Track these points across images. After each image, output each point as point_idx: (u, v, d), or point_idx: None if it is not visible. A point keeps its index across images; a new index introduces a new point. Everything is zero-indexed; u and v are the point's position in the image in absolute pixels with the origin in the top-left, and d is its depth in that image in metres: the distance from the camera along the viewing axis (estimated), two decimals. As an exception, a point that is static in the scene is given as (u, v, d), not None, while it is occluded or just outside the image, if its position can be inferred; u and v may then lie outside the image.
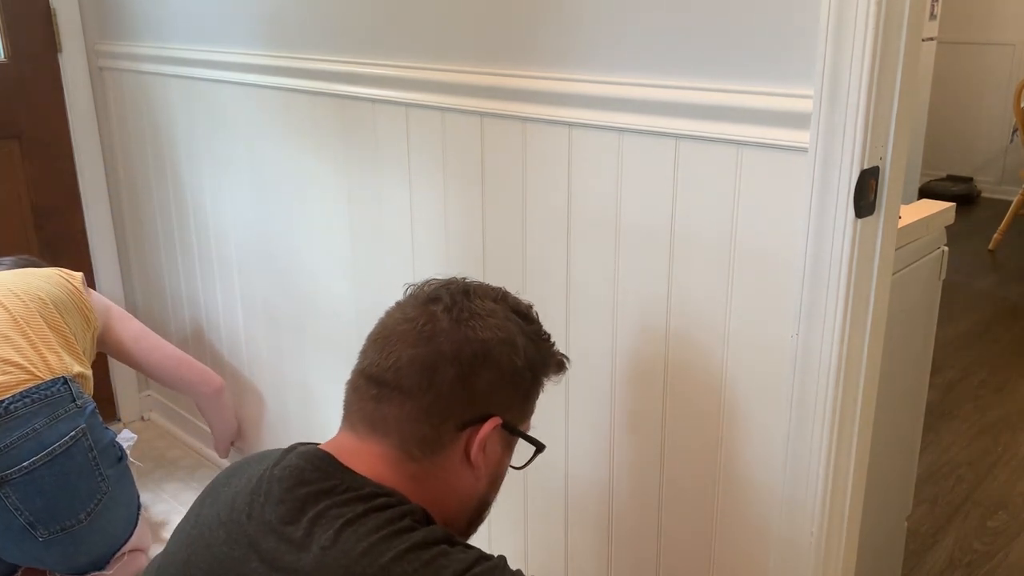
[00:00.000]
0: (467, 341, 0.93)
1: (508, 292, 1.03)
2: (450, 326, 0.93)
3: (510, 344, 0.95)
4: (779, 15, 1.05)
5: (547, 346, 1.03)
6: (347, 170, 1.75)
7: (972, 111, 5.41)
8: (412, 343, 0.93)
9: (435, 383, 0.91)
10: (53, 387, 1.57)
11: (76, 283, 1.83)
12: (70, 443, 1.55)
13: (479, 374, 0.93)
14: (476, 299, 0.97)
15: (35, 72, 2.43)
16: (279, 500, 0.86)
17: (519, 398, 0.99)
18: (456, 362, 0.92)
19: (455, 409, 0.93)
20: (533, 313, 1.04)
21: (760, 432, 1.20)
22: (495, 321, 0.95)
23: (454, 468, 0.95)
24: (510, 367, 0.95)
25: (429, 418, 0.92)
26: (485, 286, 1.01)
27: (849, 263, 1.03)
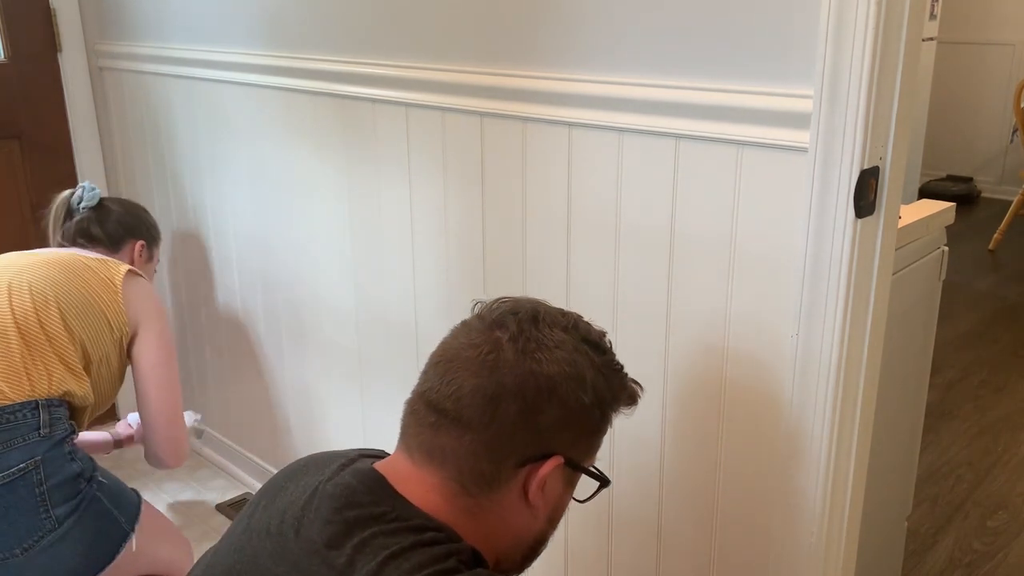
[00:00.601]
0: (532, 375, 0.87)
1: (581, 318, 0.97)
2: (515, 357, 0.88)
3: (578, 379, 0.89)
4: (779, 15, 1.05)
5: (619, 378, 0.97)
6: (347, 170, 1.75)
7: (972, 111, 5.41)
8: (475, 372, 0.88)
9: (497, 417, 0.86)
10: (19, 412, 1.46)
11: (115, 280, 1.68)
12: (16, 475, 1.42)
13: (543, 411, 0.88)
14: (545, 327, 0.91)
15: (35, 72, 2.43)
16: (327, 520, 0.84)
17: (585, 435, 0.93)
18: (520, 397, 0.87)
19: (516, 446, 0.88)
20: (606, 342, 0.98)
21: (760, 432, 1.20)
22: (563, 354, 0.89)
23: (511, 505, 0.90)
24: (577, 404, 0.89)
25: (488, 453, 0.87)
26: (555, 312, 0.95)
27: (849, 263, 1.03)
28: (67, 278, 1.63)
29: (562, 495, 0.95)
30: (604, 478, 0.98)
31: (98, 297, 1.65)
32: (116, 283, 1.68)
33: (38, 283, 1.59)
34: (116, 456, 2.27)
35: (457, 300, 1.58)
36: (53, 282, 1.61)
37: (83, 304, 1.62)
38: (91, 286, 1.65)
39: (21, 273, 1.60)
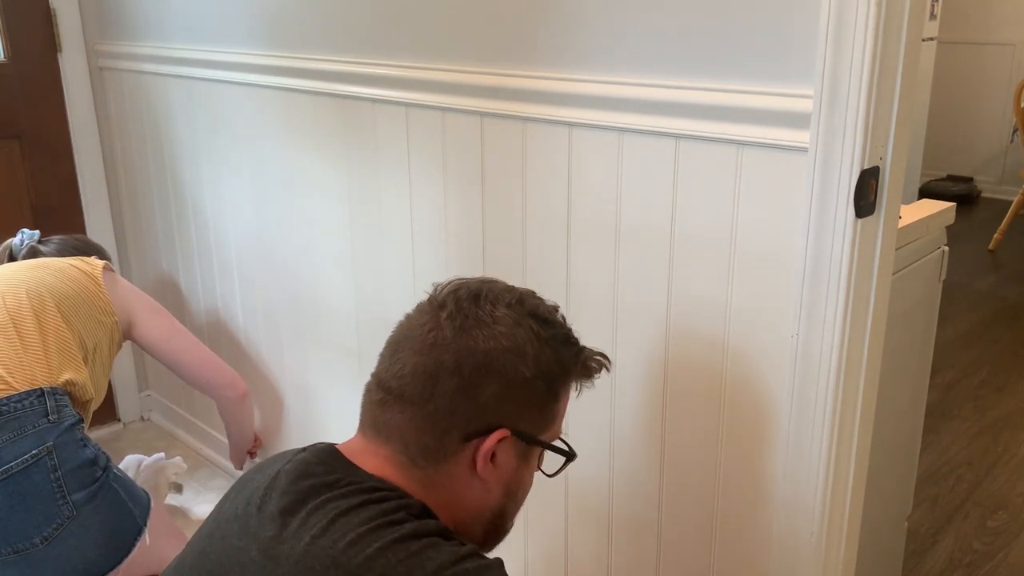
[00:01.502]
0: (469, 352, 0.90)
1: (531, 294, 0.99)
2: (453, 335, 0.91)
3: (517, 353, 0.92)
4: (779, 15, 1.05)
5: (571, 351, 0.98)
6: (347, 170, 1.75)
7: (972, 111, 5.40)
8: (417, 351, 0.92)
9: (436, 394, 0.90)
10: (25, 400, 1.48)
11: (95, 274, 1.77)
12: (30, 462, 1.44)
13: (482, 385, 0.90)
14: (487, 304, 0.93)
15: (35, 72, 2.43)
16: (283, 492, 0.88)
17: (532, 408, 0.95)
18: (457, 373, 0.90)
19: (458, 420, 0.91)
20: (557, 317, 0.99)
21: (760, 432, 1.20)
22: (502, 329, 0.92)
23: (461, 478, 0.93)
24: (517, 377, 0.92)
25: (431, 428, 0.91)
26: (501, 289, 0.97)
27: (849, 263, 1.03)
28: (57, 278, 1.70)
29: (517, 469, 0.97)
30: (567, 452, 1.00)
31: (85, 290, 1.72)
32: (97, 276, 1.76)
33: (32, 284, 1.65)
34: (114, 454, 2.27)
35: (457, 300, 1.58)
36: (45, 283, 1.67)
37: (76, 299, 1.69)
38: (78, 281, 1.72)
39: (11, 279, 1.66)
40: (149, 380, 2.79)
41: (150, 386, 2.79)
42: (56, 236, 1.98)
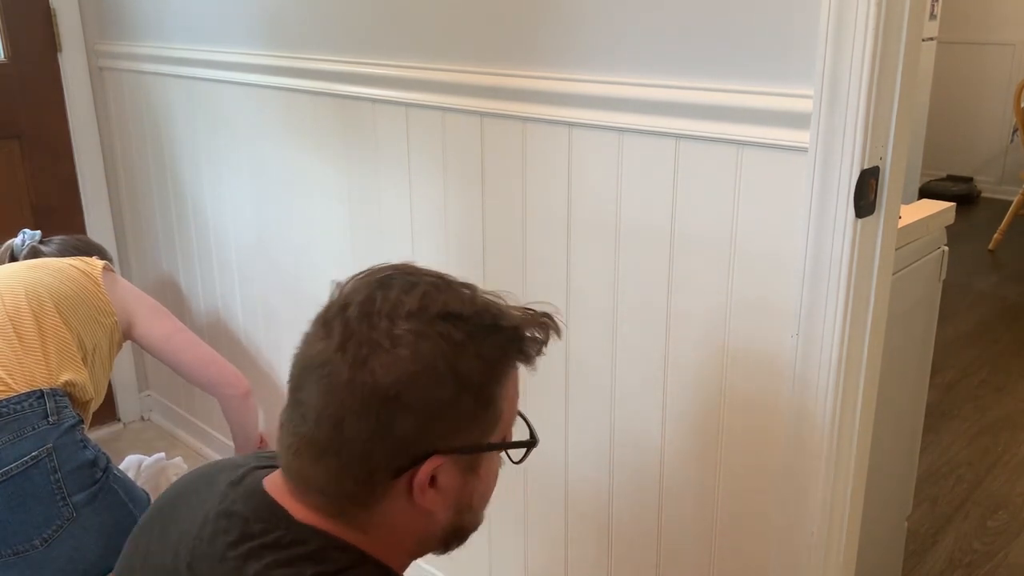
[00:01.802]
0: (371, 389, 0.77)
1: (436, 288, 0.83)
2: (349, 372, 0.77)
3: (428, 375, 0.78)
4: (779, 15, 1.05)
5: (500, 340, 0.83)
6: (347, 170, 1.75)
7: (972, 111, 5.40)
8: (317, 391, 0.80)
9: (347, 440, 0.78)
10: (25, 401, 1.48)
11: (95, 274, 1.76)
12: (30, 463, 1.44)
13: (396, 421, 0.78)
14: (381, 321, 0.79)
15: (35, 72, 2.43)
16: (221, 557, 0.81)
17: (463, 422, 0.82)
18: (364, 415, 0.77)
19: (378, 462, 0.79)
20: (476, 302, 0.83)
21: (760, 432, 1.20)
22: (404, 352, 0.77)
23: (402, 512, 0.82)
24: (435, 402, 0.79)
25: (351, 476, 0.80)
26: (399, 290, 0.82)
27: (849, 263, 1.03)
28: (56, 278, 1.69)
29: (466, 484, 0.85)
30: (526, 442, 0.89)
31: (84, 290, 1.71)
32: (96, 276, 1.75)
33: (31, 285, 1.64)
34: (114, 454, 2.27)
35: (457, 300, 1.58)
36: (44, 283, 1.66)
37: (75, 299, 1.68)
38: (77, 281, 1.72)
39: (10, 279, 1.66)
40: (149, 380, 2.78)
41: (150, 386, 2.79)
42: (57, 236, 1.98)
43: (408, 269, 0.86)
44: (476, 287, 0.86)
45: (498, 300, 0.86)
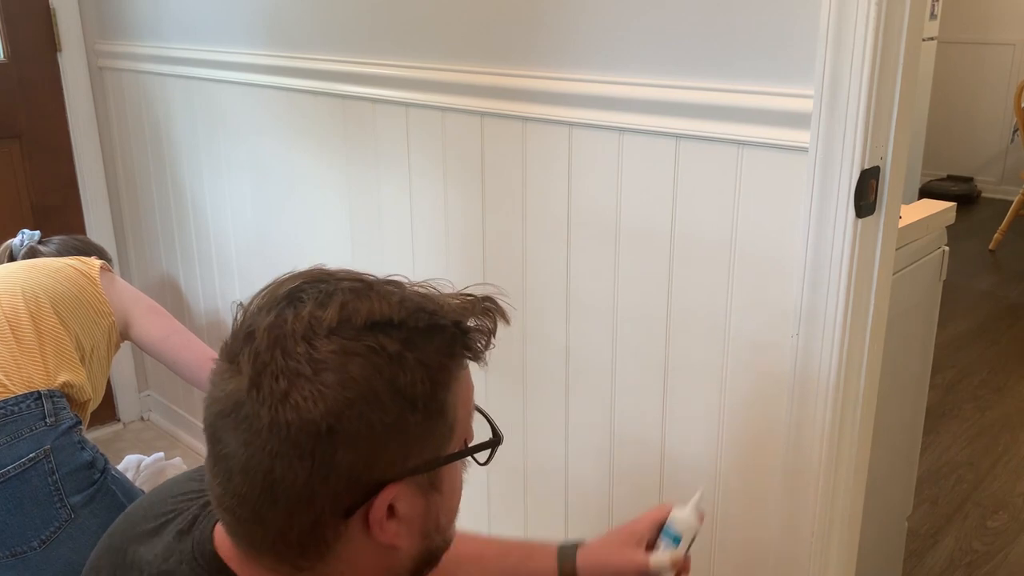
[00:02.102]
0: (299, 428, 0.66)
1: (356, 293, 0.71)
2: (269, 414, 0.66)
3: (363, 399, 0.67)
4: (779, 15, 1.05)
5: (440, 341, 0.72)
6: (347, 170, 1.75)
7: (972, 111, 5.40)
8: (234, 441, 0.69)
9: (284, 491, 0.68)
10: (22, 403, 1.47)
11: (92, 274, 1.75)
12: (28, 465, 1.44)
13: (336, 457, 0.67)
14: (298, 345, 0.67)
15: (35, 72, 2.43)
16: None
17: (415, 441, 0.71)
18: (296, 458, 0.67)
19: (323, 506, 0.69)
20: (405, 302, 0.72)
21: (760, 431, 1.20)
22: (330, 378, 0.66)
23: (363, 555, 0.73)
24: (377, 426, 0.68)
25: (298, 527, 0.70)
26: (312, 306, 0.70)
27: (849, 263, 1.03)
28: (52, 278, 1.69)
29: (430, 505, 0.75)
30: (489, 442, 0.80)
31: (83, 291, 1.70)
32: (94, 276, 1.74)
33: (28, 285, 1.64)
34: (113, 455, 2.27)
35: (457, 300, 1.58)
36: (40, 283, 1.66)
37: (72, 299, 1.68)
38: (74, 281, 1.71)
39: (7, 279, 1.65)
40: (149, 380, 2.78)
41: (150, 386, 2.79)
42: (56, 236, 1.97)
43: (318, 276, 0.74)
44: (403, 282, 0.76)
45: (431, 293, 0.76)
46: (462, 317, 0.74)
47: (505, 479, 1.61)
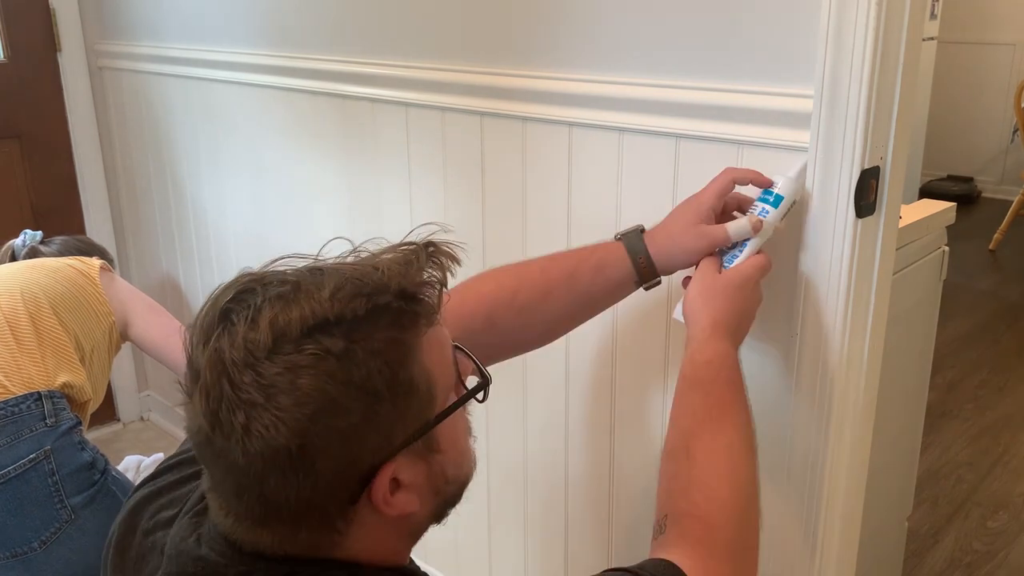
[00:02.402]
0: (272, 454, 0.65)
1: (284, 303, 0.68)
2: (239, 448, 0.66)
3: (325, 408, 0.66)
4: (779, 15, 1.05)
5: (385, 321, 0.69)
6: (347, 169, 1.75)
7: (972, 111, 5.40)
8: (218, 471, 0.70)
9: (281, 504, 0.68)
10: (22, 403, 1.48)
11: (92, 274, 1.75)
12: (28, 466, 1.44)
13: (316, 467, 0.67)
14: (244, 374, 0.65)
15: (35, 72, 2.43)
16: None
17: (394, 423, 0.70)
18: (280, 477, 0.67)
19: (324, 504, 0.69)
20: (338, 293, 0.68)
21: (761, 432, 1.20)
22: (285, 400, 0.65)
23: (378, 527, 0.73)
24: (347, 428, 0.67)
25: (305, 527, 0.70)
26: (246, 332, 0.67)
27: (849, 263, 1.03)
28: (52, 278, 1.68)
29: (433, 465, 0.74)
30: (476, 388, 0.78)
31: (82, 291, 1.70)
32: (93, 276, 1.74)
33: (27, 286, 1.64)
34: (113, 455, 2.27)
35: (457, 300, 1.58)
36: (40, 284, 1.65)
37: (71, 299, 1.67)
38: (73, 281, 1.71)
39: (6, 280, 1.65)
40: (149, 380, 2.78)
41: (150, 386, 2.79)
42: (59, 236, 1.97)
43: (246, 286, 0.70)
44: (334, 266, 0.73)
45: (368, 263, 0.73)
46: (405, 280, 0.71)
47: (505, 479, 1.61)
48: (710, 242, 1.02)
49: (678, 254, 1.04)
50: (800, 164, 1.03)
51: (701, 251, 1.03)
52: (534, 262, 1.08)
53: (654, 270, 1.05)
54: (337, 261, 0.75)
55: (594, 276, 1.05)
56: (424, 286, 0.73)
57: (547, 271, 1.06)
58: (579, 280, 1.05)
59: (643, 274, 1.05)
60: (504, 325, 1.04)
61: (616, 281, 1.05)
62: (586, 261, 1.06)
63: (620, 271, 1.05)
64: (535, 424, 1.51)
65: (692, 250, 1.03)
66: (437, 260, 0.75)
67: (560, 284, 1.05)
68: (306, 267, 0.73)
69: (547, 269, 1.07)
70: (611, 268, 1.05)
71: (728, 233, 1.01)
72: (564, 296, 1.05)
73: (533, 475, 1.55)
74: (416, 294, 0.72)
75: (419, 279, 0.73)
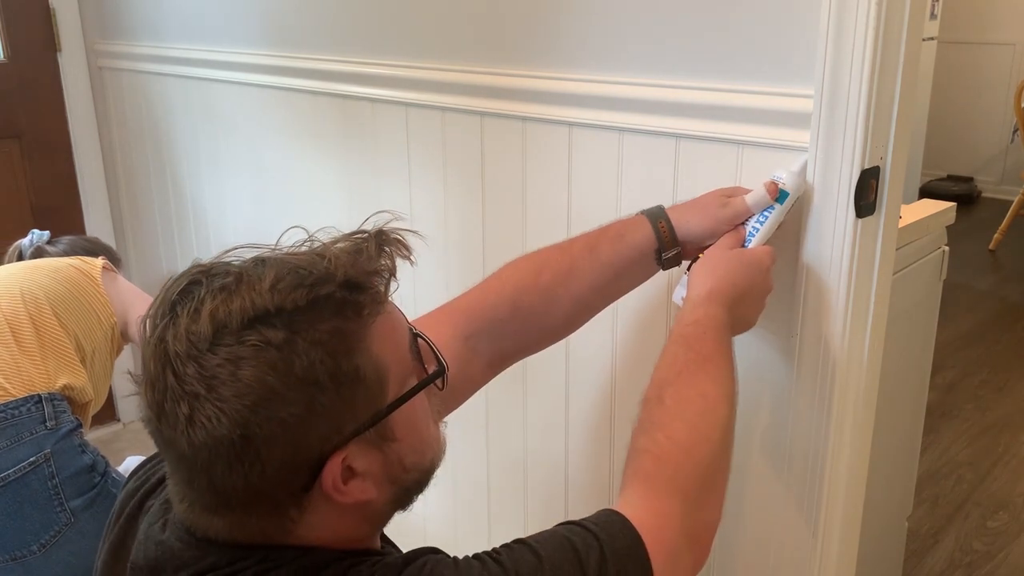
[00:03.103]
0: (216, 444, 0.67)
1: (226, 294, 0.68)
2: (184, 439, 0.67)
3: (265, 399, 0.66)
4: (779, 15, 1.05)
5: (327, 312, 0.69)
6: (347, 170, 1.75)
7: (972, 111, 5.40)
8: (170, 458, 0.72)
9: (230, 492, 0.69)
10: (23, 406, 1.46)
11: (94, 274, 1.72)
12: (28, 469, 1.43)
13: (261, 456, 0.67)
14: (188, 366, 0.66)
15: (35, 72, 2.43)
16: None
17: (339, 413, 0.70)
18: (226, 466, 0.67)
19: (274, 493, 0.70)
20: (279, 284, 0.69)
21: (760, 432, 1.20)
22: (226, 391, 0.66)
23: (331, 515, 0.73)
24: (290, 419, 0.67)
25: (256, 514, 0.71)
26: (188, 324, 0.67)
27: (850, 263, 1.03)
28: (52, 279, 1.67)
29: (388, 453, 0.74)
30: (431, 377, 0.78)
31: (83, 292, 1.69)
32: (95, 276, 1.73)
33: (27, 286, 1.62)
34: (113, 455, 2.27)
35: (457, 300, 1.58)
36: (40, 284, 1.64)
37: (72, 300, 1.66)
38: (75, 282, 1.69)
39: (7, 280, 1.64)
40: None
41: (150, 386, 2.79)
42: (66, 236, 1.95)
43: (193, 278, 0.71)
44: (280, 256, 0.73)
45: (317, 253, 0.73)
46: (353, 269, 0.72)
47: (505, 478, 1.61)
48: (732, 211, 1.03)
49: (698, 222, 1.04)
50: (801, 160, 1.03)
51: (721, 219, 1.03)
52: (554, 244, 1.08)
53: (674, 237, 1.05)
54: (289, 251, 0.75)
55: (615, 244, 1.04)
56: (373, 275, 0.73)
57: (568, 249, 1.06)
58: (600, 251, 1.04)
59: (664, 241, 1.04)
60: (529, 308, 1.03)
61: (638, 248, 1.04)
62: (606, 232, 1.06)
63: (641, 237, 1.04)
64: (535, 424, 1.51)
65: (713, 216, 1.04)
66: (387, 249, 0.75)
67: (582, 258, 1.04)
68: (252, 258, 0.73)
69: (568, 247, 1.07)
70: (632, 235, 1.04)
71: (747, 203, 1.02)
72: (587, 270, 1.04)
73: (533, 475, 1.55)
74: (362, 283, 0.72)
75: (368, 268, 0.73)
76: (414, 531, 1.78)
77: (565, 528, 0.78)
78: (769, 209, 1.03)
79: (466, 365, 1.01)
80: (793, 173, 1.02)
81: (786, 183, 1.02)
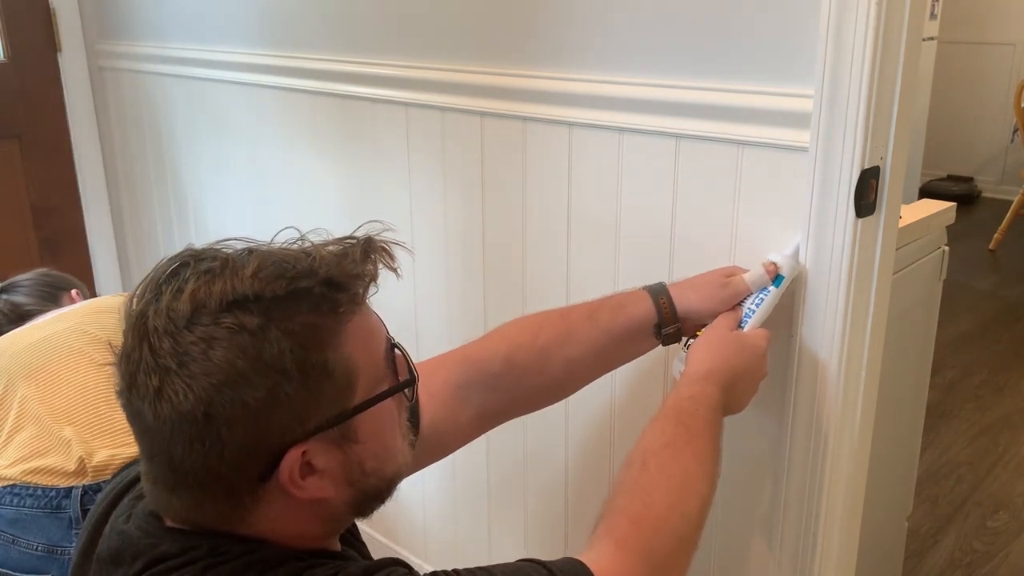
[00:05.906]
0: (178, 419, 0.68)
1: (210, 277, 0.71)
2: (150, 411, 0.69)
3: (232, 380, 0.68)
4: (779, 15, 1.05)
5: (304, 305, 0.71)
6: (347, 170, 1.75)
7: (972, 111, 5.40)
8: (137, 431, 0.74)
9: (189, 471, 0.71)
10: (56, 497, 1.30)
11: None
12: None
13: (221, 437, 0.69)
14: (164, 341, 0.69)
15: (35, 72, 2.43)
16: None
17: (303, 405, 0.71)
18: (187, 444, 0.69)
19: (232, 478, 0.71)
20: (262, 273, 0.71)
21: (760, 432, 1.20)
22: (196, 368, 0.68)
23: (288, 510, 0.74)
24: (253, 403, 0.69)
25: (211, 498, 0.73)
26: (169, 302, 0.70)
27: (849, 263, 1.03)
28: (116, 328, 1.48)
29: (349, 455, 0.75)
30: (401, 385, 0.79)
31: None
32: None
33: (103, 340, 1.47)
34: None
35: (457, 299, 1.58)
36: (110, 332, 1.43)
37: None
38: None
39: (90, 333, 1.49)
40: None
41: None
42: (22, 278, 1.72)
43: (183, 260, 0.73)
44: (268, 249, 0.74)
45: (303, 250, 0.75)
46: (336, 269, 0.73)
47: (505, 478, 1.61)
48: (732, 291, 1.06)
49: (698, 300, 1.08)
50: (794, 243, 1.06)
51: (722, 299, 1.07)
52: (557, 308, 1.12)
53: (674, 312, 1.08)
54: (280, 247, 0.76)
55: (614, 313, 1.08)
56: (354, 278, 0.75)
57: (568, 314, 1.10)
58: (599, 318, 1.08)
59: (664, 316, 1.08)
60: (523, 366, 1.06)
61: (637, 320, 1.08)
62: (607, 301, 1.10)
63: (642, 311, 1.08)
64: (535, 423, 1.51)
65: (713, 296, 1.07)
66: (373, 256, 0.76)
67: (581, 323, 1.08)
68: (242, 248, 0.75)
69: (568, 312, 1.11)
70: (633, 307, 1.08)
71: (746, 282, 1.05)
72: (584, 335, 1.07)
73: (533, 474, 1.55)
74: (343, 283, 0.73)
75: (351, 270, 0.74)
76: (414, 531, 1.78)
77: (530, 565, 0.80)
78: (765, 291, 1.05)
79: (454, 413, 1.03)
80: (787, 256, 1.05)
81: (782, 267, 1.04)
